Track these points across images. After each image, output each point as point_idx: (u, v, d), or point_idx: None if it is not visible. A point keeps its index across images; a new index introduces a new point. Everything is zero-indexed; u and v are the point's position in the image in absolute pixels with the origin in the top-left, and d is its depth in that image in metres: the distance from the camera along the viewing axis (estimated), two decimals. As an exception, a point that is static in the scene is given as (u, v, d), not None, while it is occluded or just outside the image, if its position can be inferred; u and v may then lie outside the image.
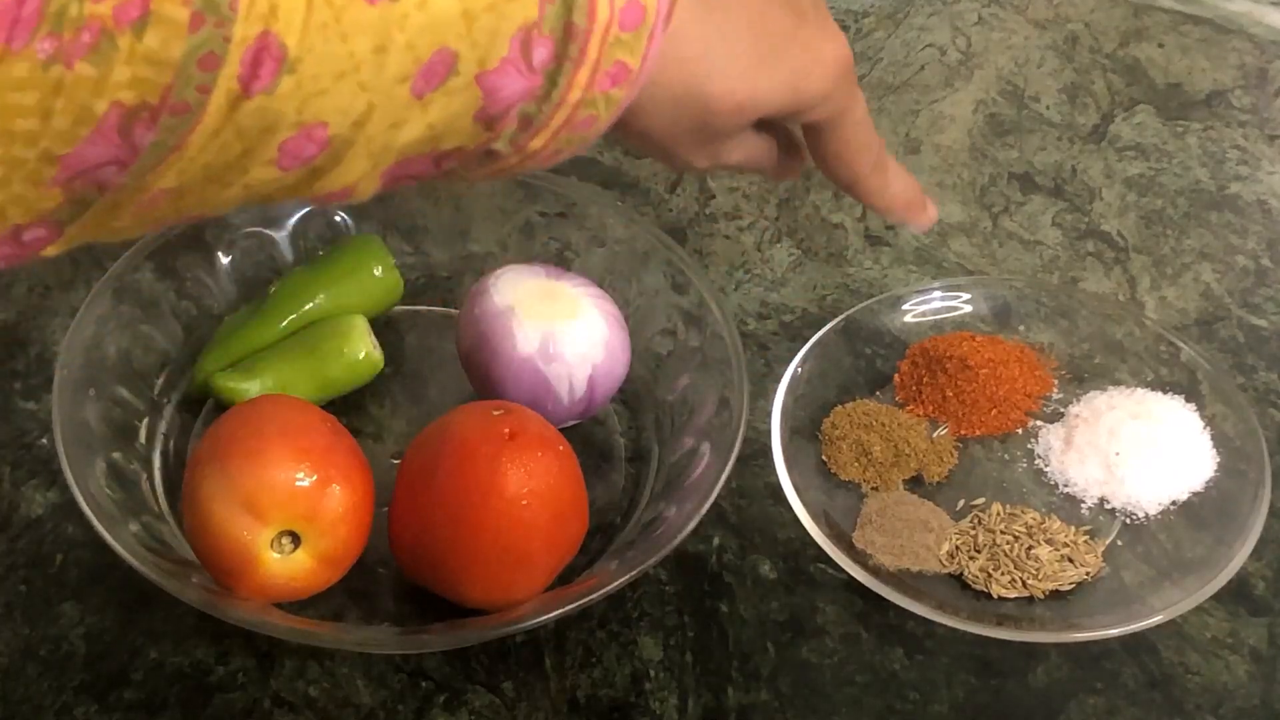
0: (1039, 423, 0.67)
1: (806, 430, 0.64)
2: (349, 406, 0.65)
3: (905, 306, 0.69)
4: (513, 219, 0.70)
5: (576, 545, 0.56)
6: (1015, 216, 0.80)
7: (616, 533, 0.60)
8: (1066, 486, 0.64)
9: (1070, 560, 0.60)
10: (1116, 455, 0.63)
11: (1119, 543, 0.62)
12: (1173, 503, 0.63)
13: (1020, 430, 0.66)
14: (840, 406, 0.66)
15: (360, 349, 0.64)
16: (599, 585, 0.54)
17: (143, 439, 0.61)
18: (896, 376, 0.68)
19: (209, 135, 0.36)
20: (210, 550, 0.53)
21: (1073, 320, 0.70)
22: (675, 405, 0.64)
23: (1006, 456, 0.66)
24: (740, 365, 0.61)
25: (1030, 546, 0.60)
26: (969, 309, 0.70)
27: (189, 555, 0.55)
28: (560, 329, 0.61)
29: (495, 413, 0.55)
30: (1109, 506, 0.63)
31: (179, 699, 0.55)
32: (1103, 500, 0.63)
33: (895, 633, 0.59)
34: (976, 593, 0.59)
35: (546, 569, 0.55)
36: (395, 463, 0.61)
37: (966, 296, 0.70)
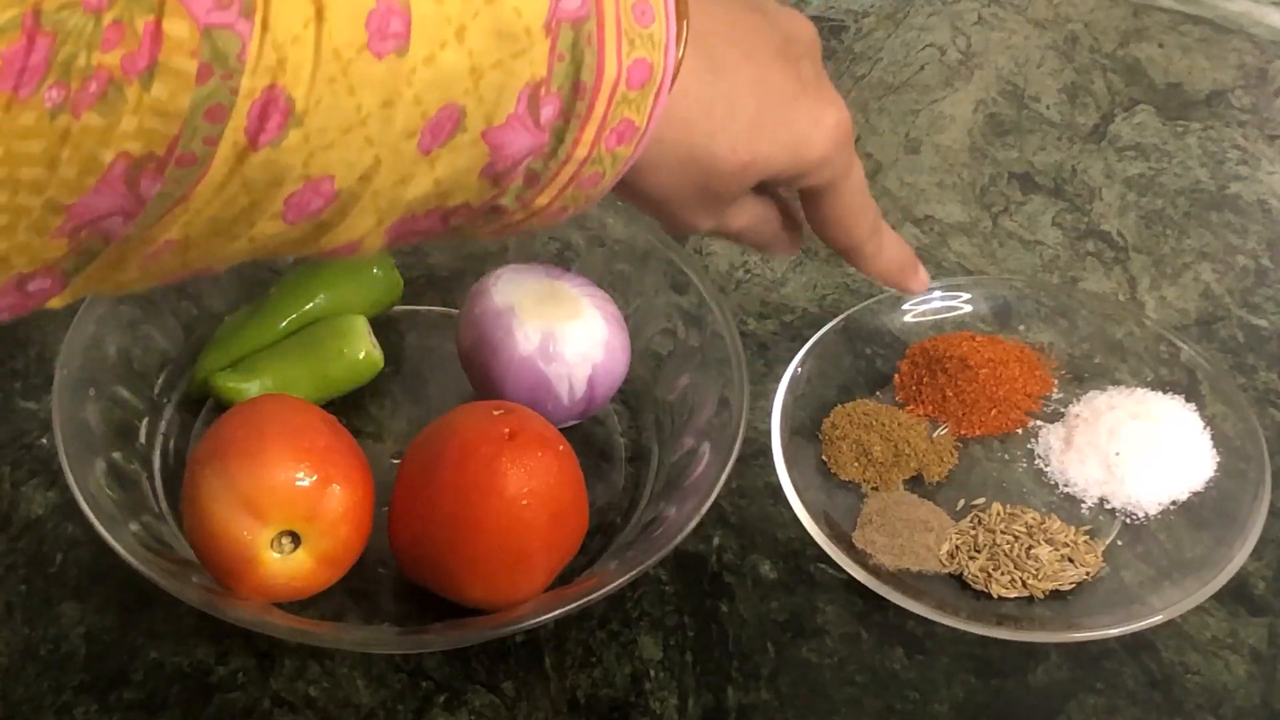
0: (1039, 423, 0.67)
1: (806, 430, 0.64)
2: (349, 406, 0.64)
3: (905, 306, 0.69)
4: (513, 219, 0.70)
5: (576, 545, 0.56)
6: (1015, 216, 0.80)
7: (616, 533, 0.60)
8: (1066, 486, 0.64)
9: (1070, 560, 0.60)
10: (1116, 455, 0.63)
11: (1119, 543, 0.62)
12: (1173, 503, 0.63)
13: (1020, 430, 0.66)
14: (840, 406, 0.66)
15: (360, 349, 0.64)
16: (599, 585, 0.54)
17: (143, 439, 0.61)
18: (896, 376, 0.68)
19: (215, 187, 0.35)
20: (210, 550, 0.53)
21: (1073, 320, 0.70)
22: (675, 405, 0.64)
23: (1006, 456, 0.66)
24: (740, 365, 0.61)
25: (1030, 546, 0.60)
26: (969, 309, 0.70)
27: (189, 555, 0.55)
28: (560, 329, 0.61)
29: (495, 413, 0.55)
30: (1109, 506, 0.63)
31: (179, 699, 0.55)
32: (1103, 500, 0.63)
33: (895, 633, 0.59)
34: (976, 593, 0.59)
35: (546, 569, 0.55)
36: (395, 463, 0.61)
37: (966, 296, 0.70)
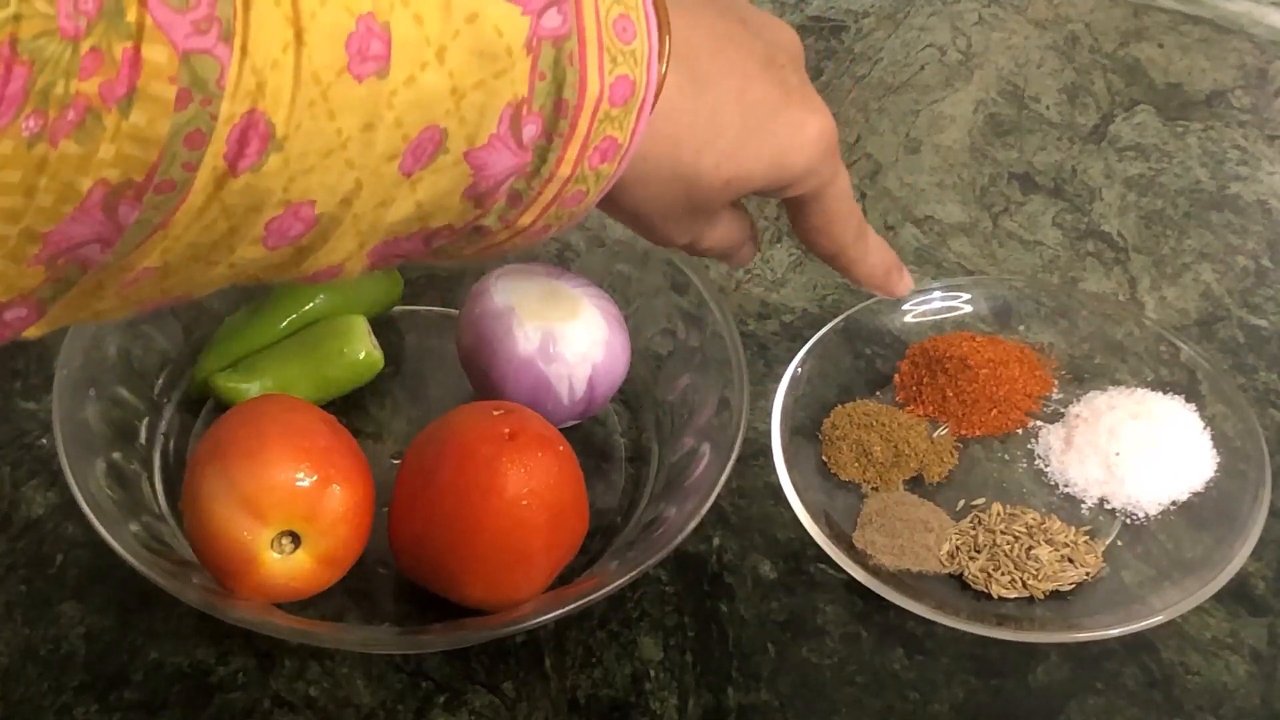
0: (1039, 423, 0.67)
1: (806, 430, 0.64)
2: (349, 406, 0.64)
3: (905, 306, 0.69)
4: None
5: (576, 545, 0.56)
6: (1015, 216, 0.80)
7: (616, 533, 0.60)
8: (1066, 486, 0.64)
9: (1070, 560, 0.60)
10: (1116, 455, 0.63)
11: (1119, 543, 0.62)
12: (1173, 503, 0.63)
13: (1020, 430, 0.66)
14: (840, 406, 0.66)
15: (360, 349, 0.64)
16: (599, 585, 0.54)
17: (143, 439, 0.61)
18: (896, 376, 0.68)
19: (194, 213, 0.35)
20: (210, 550, 0.53)
21: (1073, 320, 0.70)
22: (675, 405, 0.64)
23: (1006, 456, 0.66)
24: (740, 365, 0.61)
25: (1030, 547, 0.60)
26: (969, 309, 0.70)
27: (189, 555, 0.55)
28: (560, 329, 0.61)
29: (495, 413, 0.55)
30: (1109, 506, 0.63)
31: (179, 699, 0.55)
32: (1103, 500, 0.63)
33: (895, 633, 0.59)
34: (976, 593, 0.59)
35: (546, 569, 0.55)
36: (395, 463, 0.61)
37: (966, 296, 0.70)
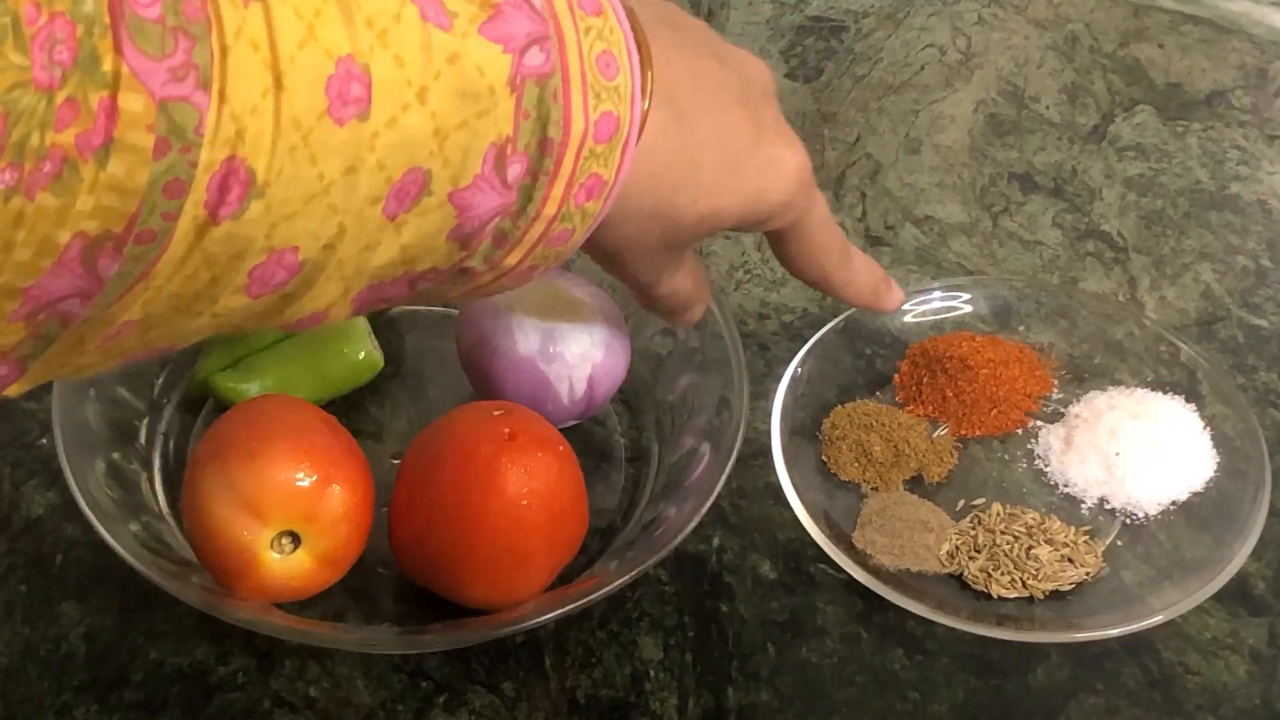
0: (1039, 423, 0.67)
1: (806, 430, 0.64)
2: (349, 406, 0.64)
3: (905, 306, 0.69)
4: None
5: (576, 545, 0.56)
6: (1015, 216, 0.80)
7: (616, 533, 0.60)
8: (1066, 486, 0.64)
9: (1070, 560, 0.60)
10: (1116, 455, 0.63)
11: (1119, 543, 0.62)
12: (1173, 503, 0.63)
13: (1020, 430, 0.66)
14: (840, 406, 0.66)
15: (360, 349, 0.64)
16: (599, 585, 0.54)
17: (143, 439, 0.61)
18: (896, 376, 0.68)
19: (175, 264, 0.34)
20: (210, 550, 0.53)
21: (1073, 320, 0.70)
22: (675, 405, 0.64)
23: (1006, 456, 0.66)
24: (740, 365, 0.61)
25: (1030, 547, 0.60)
26: (969, 309, 0.70)
27: (189, 555, 0.55)
28: (560, 329, 0.61)
29: (495, 413, 0.55)
30: (1109, 506, 0.63)
31: (179, 699, 0.55)
32: (1103, 500, 0.63)
33: (895, 633, 0.59)
34: (976, 593, 0.59)
35: (546, 569, 0.55)
36: (395, 463, 0.61)
37: (966, 296, 0.70)
